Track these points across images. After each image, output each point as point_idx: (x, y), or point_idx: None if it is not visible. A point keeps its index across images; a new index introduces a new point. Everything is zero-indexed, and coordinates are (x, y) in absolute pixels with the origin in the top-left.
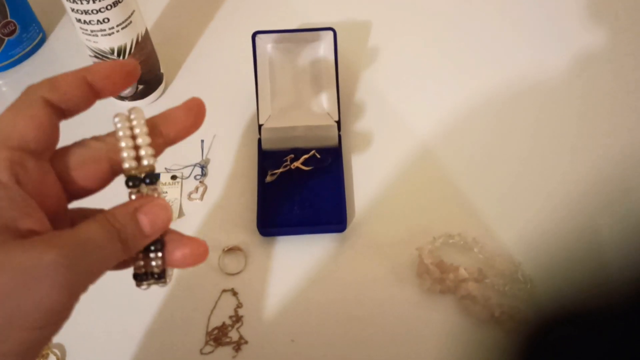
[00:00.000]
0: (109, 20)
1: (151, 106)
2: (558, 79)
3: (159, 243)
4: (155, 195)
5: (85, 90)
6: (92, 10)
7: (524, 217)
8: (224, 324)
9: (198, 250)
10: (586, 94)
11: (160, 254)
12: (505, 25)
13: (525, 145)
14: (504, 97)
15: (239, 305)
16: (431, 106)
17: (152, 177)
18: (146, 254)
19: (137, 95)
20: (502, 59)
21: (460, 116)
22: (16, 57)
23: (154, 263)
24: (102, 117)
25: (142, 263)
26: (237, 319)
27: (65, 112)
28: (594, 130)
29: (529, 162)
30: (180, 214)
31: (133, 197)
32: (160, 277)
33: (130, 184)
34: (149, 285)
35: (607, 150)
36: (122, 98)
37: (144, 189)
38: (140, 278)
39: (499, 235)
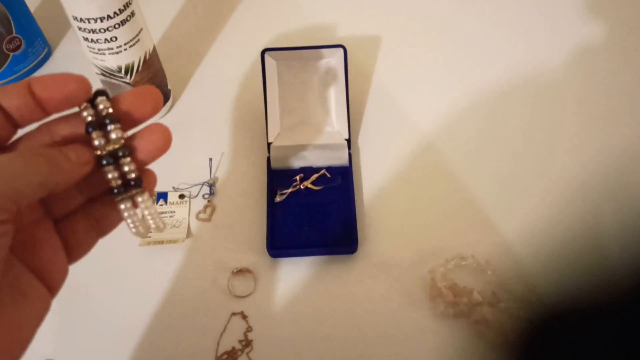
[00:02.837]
0: (116, 38)
1: None
2: (558, 74)
3: (126, 148)
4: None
5: (28, 99)
6: (99, 29)
7: (534, 230)
8: (233, 348)
9: (163, 132)
10: (585, 87)
11: (129, 159)
12: (507, 24)
13: (535, 154)
14: (514, 111)
15: (249, 329)
16: (443, 122)
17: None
18: (116, 164)
19: None
20: (512, 65)
21: (471, 132)
22: (21, 72)
23: (126, 168)
24: None
25: (116, 174)
26: (247, 343)
27: (16, 120)
28: (597, 124)
29: (538, 174)
30: (188, 234)
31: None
32: (137, 183)
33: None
34: (127, 199)
35: (608, 143)
36: None
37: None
38: (118, 192)
39: (511, 254)
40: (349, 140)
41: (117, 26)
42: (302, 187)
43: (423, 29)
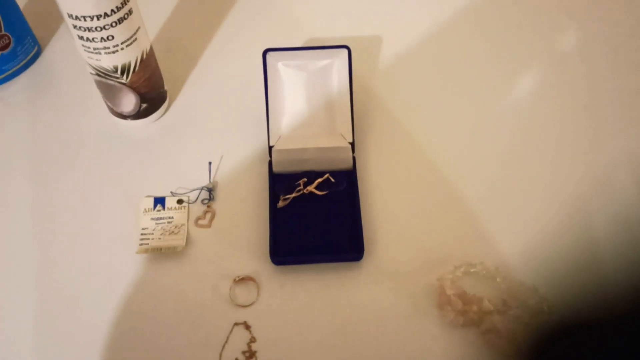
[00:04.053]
0: (113, 37)
1: (154, 124)
2: (555, 87)
3: None
4: None
5: None
6: (95, 27)
7: (540, 239)
8: None
9: None
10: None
11: None
12: (510, 37)
13: (536, 165)
14: (515, 116)
15: (252, 340)
16: (450, 126)
17: None
18: None
19: (140, 114)
20: (517, 76)
21: (475, 136)
22: (10, 71)
23: None
24: (103, 135)
25: None
26: (250, 354)
27: None
28: (600, 131)
29: (546, 183)
30: (187, 241)
31: None
32: None
33: None
34: None
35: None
36: (125, 117)
37: None
38: None
39: (521, 262)
40: (353, 144)
41: (114, 24)
42: (306, 191)
43: (427, 31)
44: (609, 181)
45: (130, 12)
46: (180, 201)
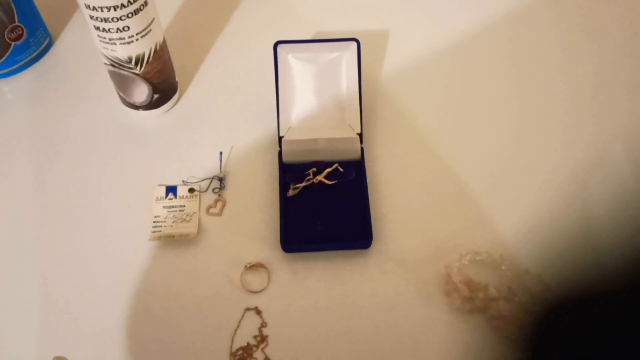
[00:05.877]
0: (129, 28)
1: (166, 115)
2: (552, 72)
3: None
4: None
5: None
6: (112, 18)
7: (541, 225)
8: (248, 344)
9: None
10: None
11: None
12: (517, 30)
13: (539, 154)
14: (517, 109)
15: (264, 325)
16: (457, 116)
17: None
18: None
19: (152, 105)
20: (518, 67)
21: (479, 128)
22: (22, 62)
23: None
24: (115, 126)
25: None
26: (262, 338)
27: None
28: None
29: (543, 173)
30: (199, 229)
31: None
32: None
33: None
34: None
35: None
36: (137, 107)
37: None
38: None
39: (522, 250)
40: (361, 135)
41: (129, 15)
42: (315, 181)
43: (433, 24)
44: (605, 159)
45: (145, 3)
46: (191, 190)
